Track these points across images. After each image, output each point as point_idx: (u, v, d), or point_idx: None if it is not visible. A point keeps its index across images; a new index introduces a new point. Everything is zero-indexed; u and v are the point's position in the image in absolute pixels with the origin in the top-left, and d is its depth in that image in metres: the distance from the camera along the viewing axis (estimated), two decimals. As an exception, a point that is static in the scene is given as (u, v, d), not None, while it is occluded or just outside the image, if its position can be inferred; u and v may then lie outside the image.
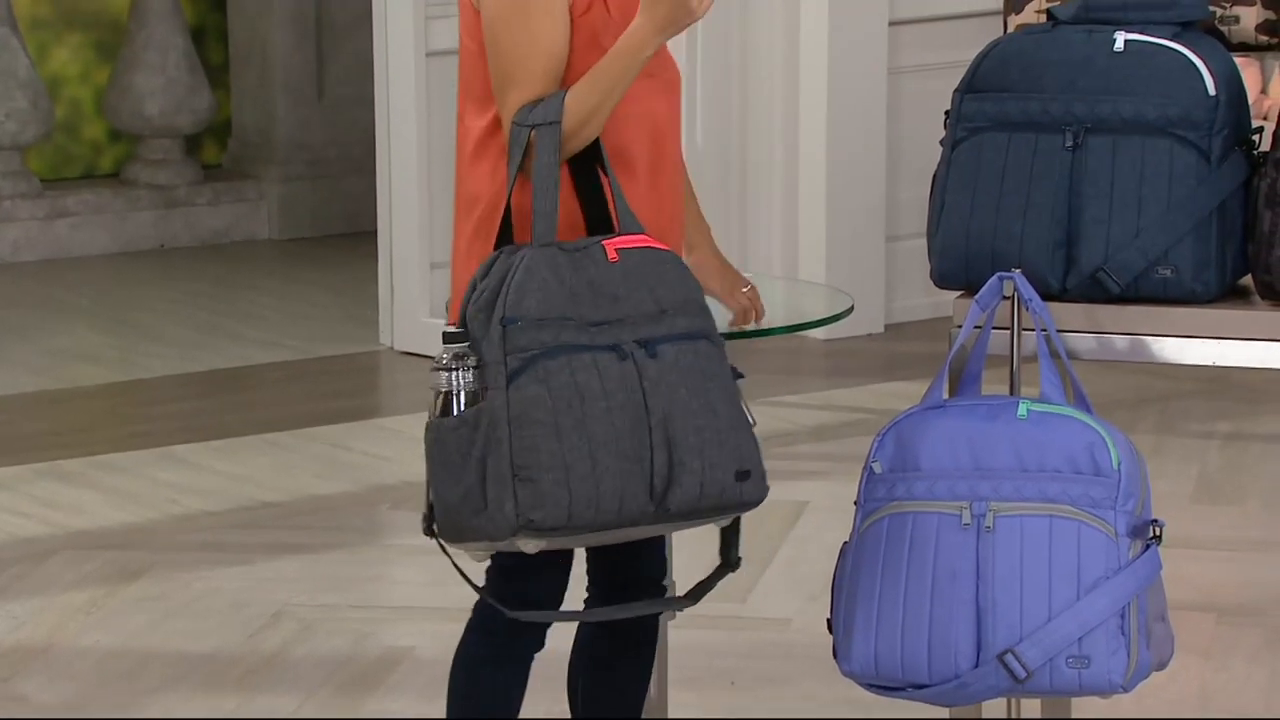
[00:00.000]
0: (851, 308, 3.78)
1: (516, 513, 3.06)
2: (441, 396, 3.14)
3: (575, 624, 3.44)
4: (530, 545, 3.11)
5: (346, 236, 7.73)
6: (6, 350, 6.58)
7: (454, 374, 3.13)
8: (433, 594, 4.77)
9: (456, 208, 3.34)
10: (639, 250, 3.20)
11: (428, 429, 3.16)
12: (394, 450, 5.74)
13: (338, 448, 5.75)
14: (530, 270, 3.12)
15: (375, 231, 6.58)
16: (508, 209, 3.22)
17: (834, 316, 3.58)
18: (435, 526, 3.17)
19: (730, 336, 3.43)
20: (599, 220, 3.26)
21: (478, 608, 3.32)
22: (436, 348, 3.17)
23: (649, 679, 3.50)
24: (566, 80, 3.22)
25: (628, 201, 3.24)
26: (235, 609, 4.73)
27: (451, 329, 3.15)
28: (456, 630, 3.24)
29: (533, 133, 3.18)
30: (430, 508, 3.18)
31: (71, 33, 7.84)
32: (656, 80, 3.31)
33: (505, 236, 3.21)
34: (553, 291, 3.13)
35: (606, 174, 3.24)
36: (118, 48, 7.74)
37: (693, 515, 3.15)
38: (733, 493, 3.16)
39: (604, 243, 3.19)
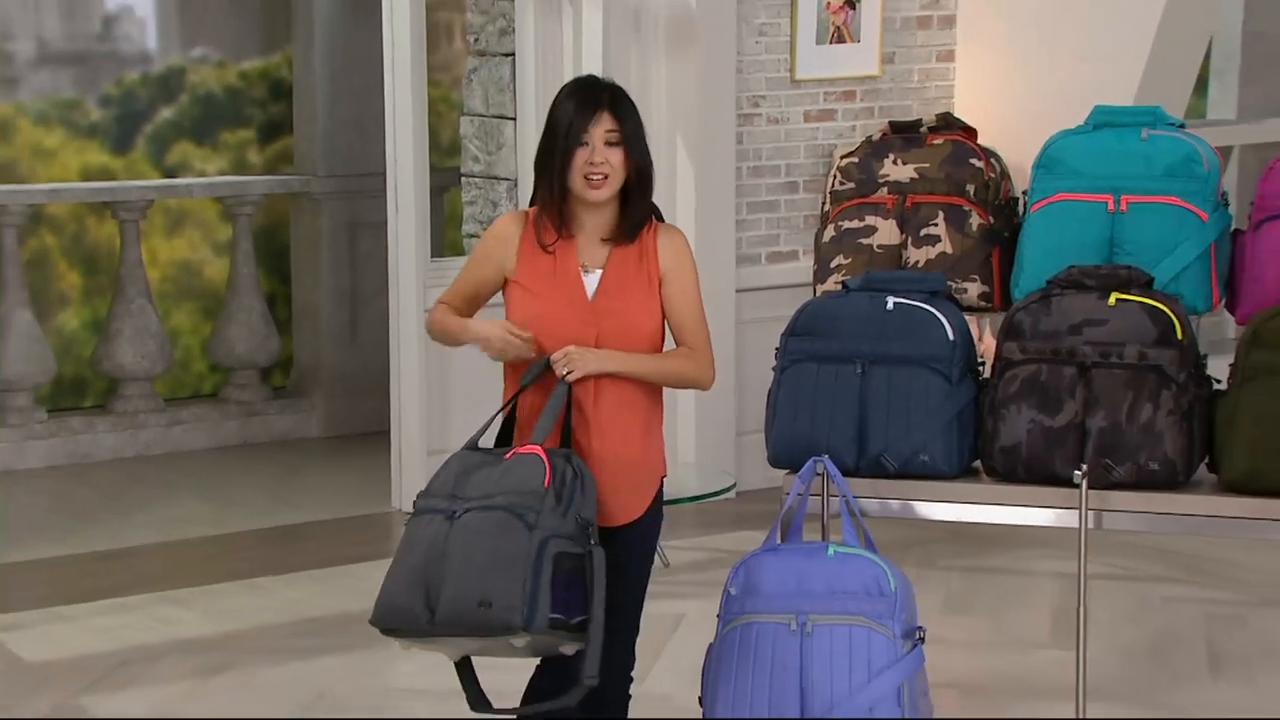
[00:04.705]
0: (735, 484, 3.76)
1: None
2: None
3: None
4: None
5: (370, 434, 7.66)
6: (136, 517, 6.47)
7: None
8: (426, 680, 4.67)
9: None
10: (520, 455, 3.17)
11: None
12: (402, 581, 5.65)
13: (363, 579, 5.65)
14: (446, 464, 3.25)
15: (389, 430, 6.54)
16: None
17: (728, 488, 3.56)
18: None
19: (669, 503, 3.37)
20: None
21: None
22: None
23: None
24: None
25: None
26: (290, 692, 4.62)
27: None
28: (440, 707, 3.15)
29: None
30: None
31: (187, 300, 7.82)
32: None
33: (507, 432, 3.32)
34: (449, 475, 3.20)
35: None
36: (217, 311, 7.73)
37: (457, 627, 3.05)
38: (474, 616, 3.05)
39: (506, 455, 3.20)
